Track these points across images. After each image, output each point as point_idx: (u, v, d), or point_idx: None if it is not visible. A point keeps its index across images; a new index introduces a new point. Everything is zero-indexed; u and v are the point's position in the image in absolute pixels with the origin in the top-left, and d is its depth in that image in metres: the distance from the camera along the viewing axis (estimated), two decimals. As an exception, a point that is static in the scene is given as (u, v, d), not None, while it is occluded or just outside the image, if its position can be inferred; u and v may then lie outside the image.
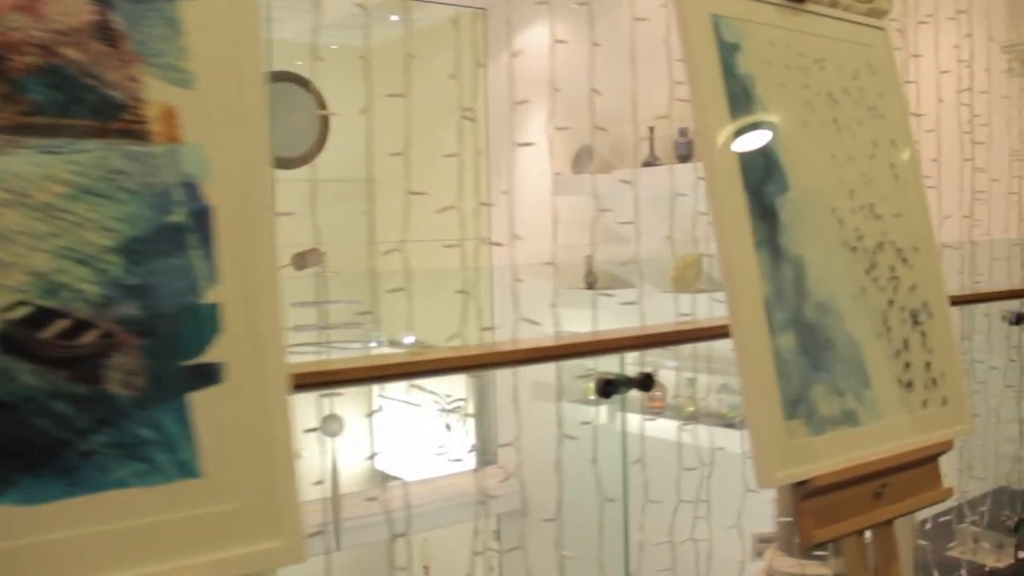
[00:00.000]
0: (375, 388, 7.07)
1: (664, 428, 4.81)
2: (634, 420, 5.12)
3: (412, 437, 6.84)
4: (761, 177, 1.61)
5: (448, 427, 6.74)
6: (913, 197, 1.87)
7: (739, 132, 1.59)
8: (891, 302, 1.76)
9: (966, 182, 2.89)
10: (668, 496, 2.17)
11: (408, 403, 6.97)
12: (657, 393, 5.08)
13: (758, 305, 1.53)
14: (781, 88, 1.70)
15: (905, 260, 1.81)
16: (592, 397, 2.17)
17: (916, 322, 1.79)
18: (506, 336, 1.84)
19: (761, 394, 1.49)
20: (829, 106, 1.78)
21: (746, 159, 1.59)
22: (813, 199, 1.68)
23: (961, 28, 2.77)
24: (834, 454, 1.58)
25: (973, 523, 2.97)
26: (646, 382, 2.03)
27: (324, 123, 8.05)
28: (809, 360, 1.59)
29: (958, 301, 2.82)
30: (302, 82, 7.04)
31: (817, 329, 1.61)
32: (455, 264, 1.94)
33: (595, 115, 2.09)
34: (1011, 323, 3.01)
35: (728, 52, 1.62)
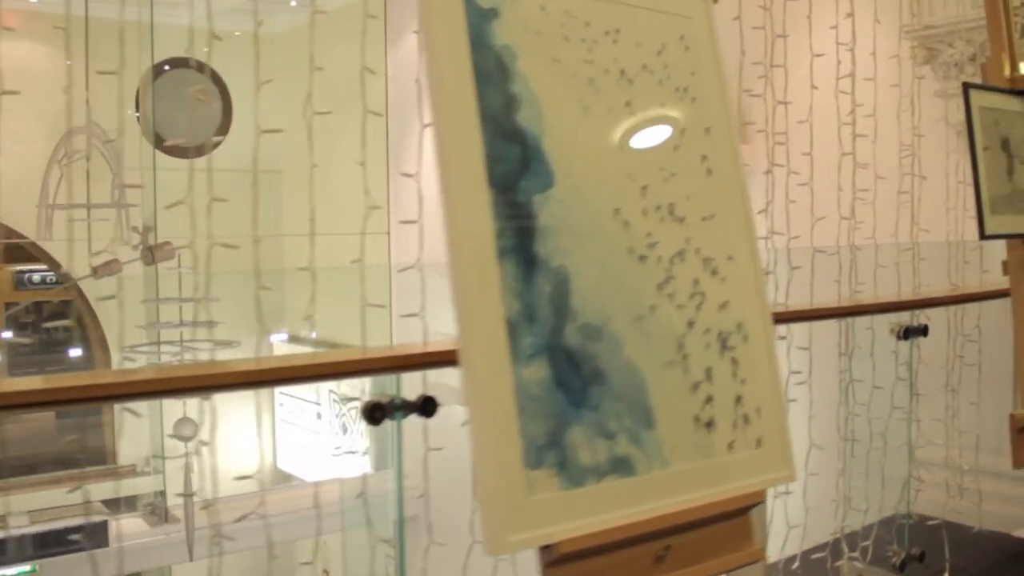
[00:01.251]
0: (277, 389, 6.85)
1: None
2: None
3: (312, 437, 6.59)
4: (515, 170, 1.34)
5: (344, 428, 6.49)
6: (731, 196, 1.61)
7: (487, 116, 1.32)
8: (692, 323, 1.50)
9: (845, 179, 2.66)
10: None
11: (308, 402, 6.74)
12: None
13: (497, 328, 1.26)
14: (554, 64, 1.43)
15: (715, 272, 1.55)
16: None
17: (726, 347, 1.53)
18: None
19: (493, 438, 1.23)
20: (621, 86, 1.51)
21: (494, 149, 1.32)
22: (589, 198, 1.41)
23: (841, 7, 2.53)
24: (598, 511, 1.32)
25: (853, 559, 2.75)
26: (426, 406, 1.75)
27: (227, 111, 7.71)
28: (567, 395, 1.32)
29: (836, 314, 2.59)
30: (200, 68, 6.71)
31: (582, 357, 1.35)
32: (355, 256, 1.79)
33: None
34: (900, 337, 2.79)
35: (480, 19, 1.35)
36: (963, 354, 3.11)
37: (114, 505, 6.40)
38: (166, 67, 6.70)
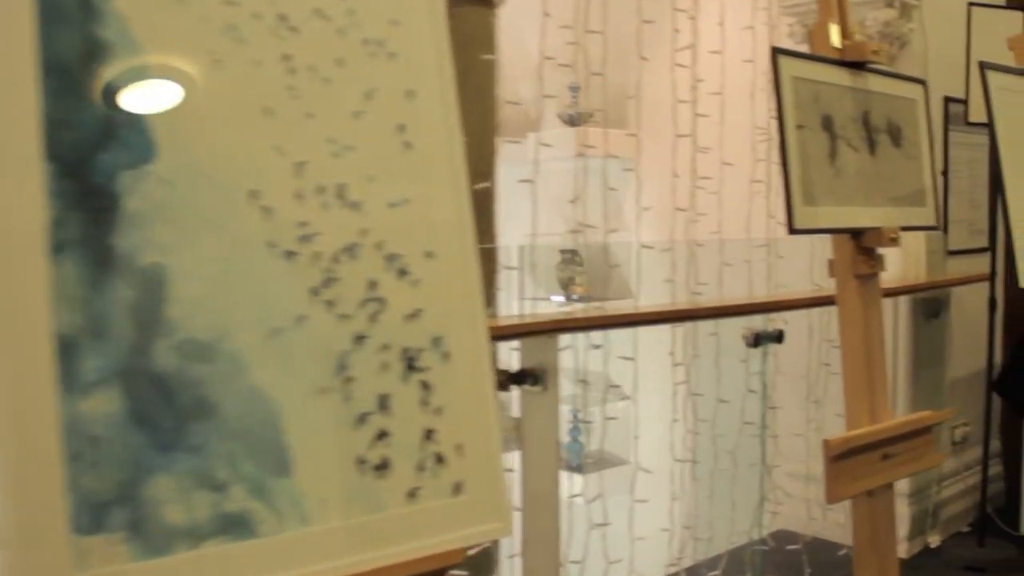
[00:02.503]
0: None
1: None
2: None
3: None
4: (90, 139, 1.04)
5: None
6: (437, 176, 1.32)
7: (52, 66, 1.02)
8: (362, 338, 1.21)
9: (682, 164, 2.40)
10: None
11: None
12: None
13: (38, 347, 0.96)
14: (174, 3, 1.13)
15: (404, 272, 1.26)
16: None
17: (413, 368, 1.24)
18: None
19: (18, 498, 0.93)
20: (277, 36, 1.21)
21: (59, 110, 1.01)
22: (210, 176, 1.11)
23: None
24: (196, 587, 1.03)
25: (694, 595, 2.49)
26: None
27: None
28: (151, 435, 1.02)
29: (662, 318, 2.32)
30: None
31: (179, 384, 1.05)
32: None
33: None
34: (750, 344, 2.54)
35: (53, -68, 1.04)
36: (829, 361, 2.87)
37: None
38: None
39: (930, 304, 3.28)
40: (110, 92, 1.06)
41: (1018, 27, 3.15)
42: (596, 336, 2.32)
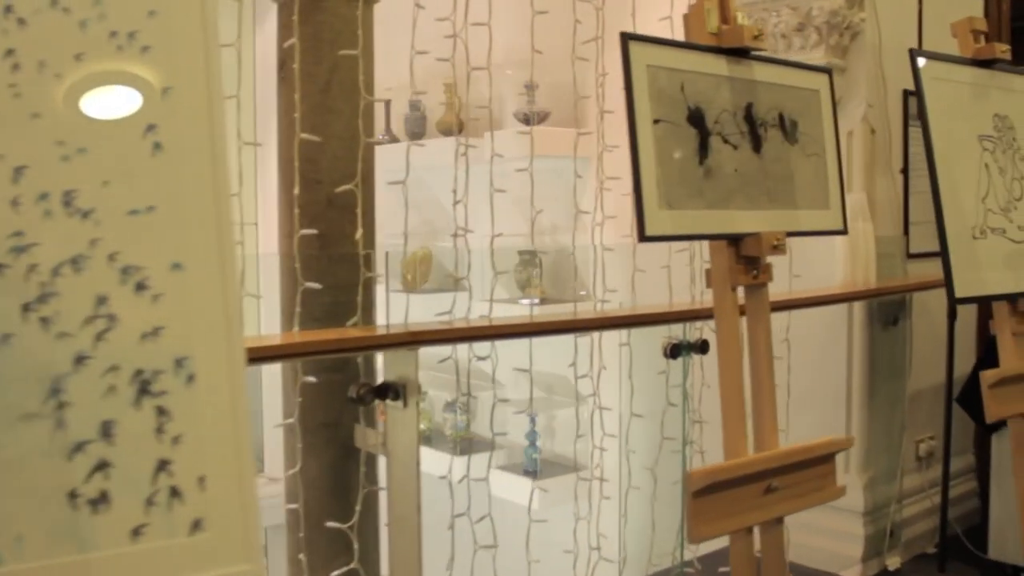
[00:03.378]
0: None
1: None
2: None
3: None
4: None
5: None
6: (191, 181, 1.21)
7: None
8: (83, 359, 1.11)
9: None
10: None
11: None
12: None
13: None
14: None
15: (142, 287, 1.16)
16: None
17: (147, 392, 1.14)
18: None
19: None
20: (-4, 26, 1.12)
21: None
22: None
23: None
24: None
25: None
26: None
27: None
28: None
29: (552, 328, 2.20)
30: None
31: None
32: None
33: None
34: (668, 356, 2.41)
35: None
36: (767, 373, 2.73)
37: None
38: None
39: (888, 310, 3.12)
40: None
41: (977, 14, 2.98)
42: (483, 347, 2.20)
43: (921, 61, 2.32)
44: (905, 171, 3.14)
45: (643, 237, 1.58)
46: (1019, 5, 3.79)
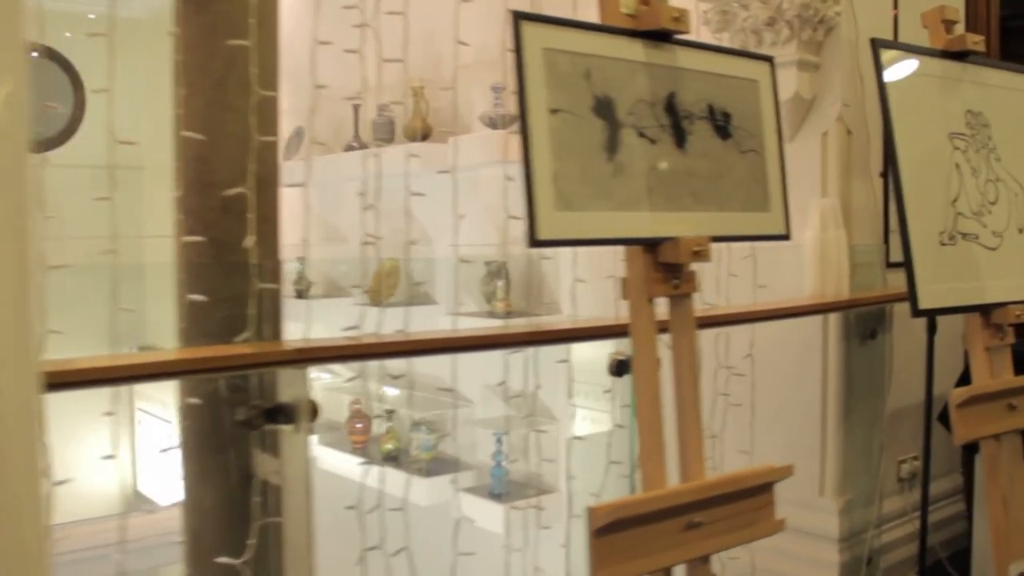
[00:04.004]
0: (136, 402, 6.35)
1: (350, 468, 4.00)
2: (331, 458, 4.31)
3: (164, 457, 6.04)
4: None
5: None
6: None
7: None
8: None
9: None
10: None
11: (162, 420, 6.17)
12: (358, 425, 4.22)
13: None
14: None
15: None
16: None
17: None
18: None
19: None
20: None
21: None
22: None
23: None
24: None
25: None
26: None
27: (79, 103, 7.15)
28: None
29: (469, 345, 1.98)
30: (52, 55, 6.16)
31: None
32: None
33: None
34: (613, 373, 2.19)
35: None
36: (728, 391, 2.51)
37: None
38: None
39: (866, 323, 2.89)
40: None
41: (958, 7, 2.75)
42: (397, 364, 2.00)
43: (884, 52, 2.09)
44: (885, 175, 2.90)
45: (533, 242, 1.36)
46: (1011, 2, 3.55)
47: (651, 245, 1.53)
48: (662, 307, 1.72)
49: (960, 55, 2.24)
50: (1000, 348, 2.21)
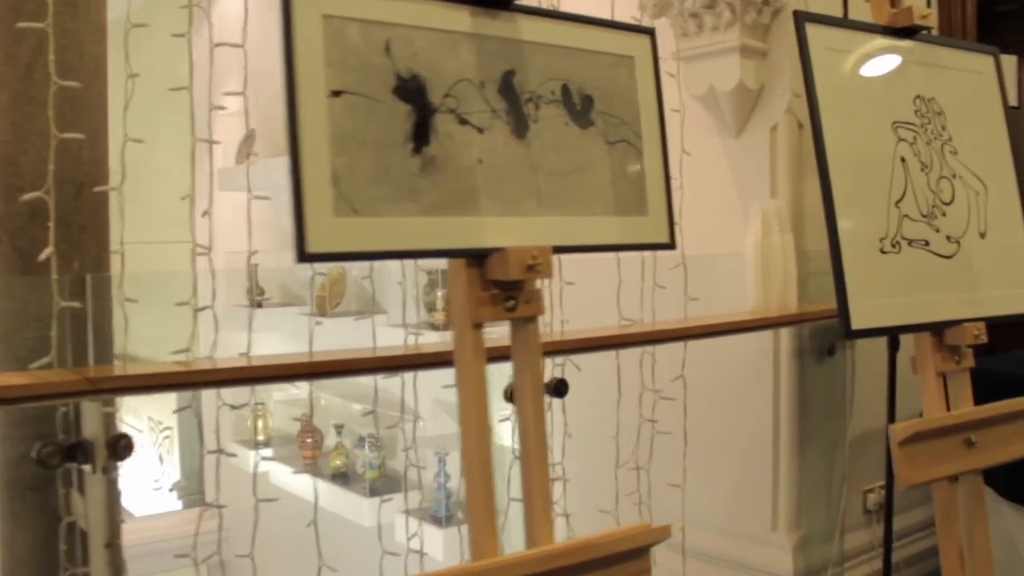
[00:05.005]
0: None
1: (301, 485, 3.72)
2: (280, 473, 4.02)
3: (136, 467, 5.82)
4: None
5: (160, 459, 5.68)
6: None
7: None
8: None
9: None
10: None
11: (133, 428, 5.95)
12: (309, 440, 3.92)
13: None
14: None
15: None
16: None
17: None
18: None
19: None
20: None
21: None
22: None
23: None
24: None
25: None
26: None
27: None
28: None
29: (326, 370, 1.67)
30: None
31: None
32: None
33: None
34: (508, 399, 1.88)
35: None
36: (656, 417, 2.18)
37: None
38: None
39: (823, 338, 2.54)
40: None
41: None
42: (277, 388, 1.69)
43: (811, 28, 1.76)
44: (843, 173, 2.55)
45: (302, 256, 1.05)
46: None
47: (477, 258, 1.21)
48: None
49: (907, 32, 1.90)
50: (956, 373, 1.87)
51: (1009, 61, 3.21)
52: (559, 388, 2.00)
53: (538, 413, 1.30)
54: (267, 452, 3.97)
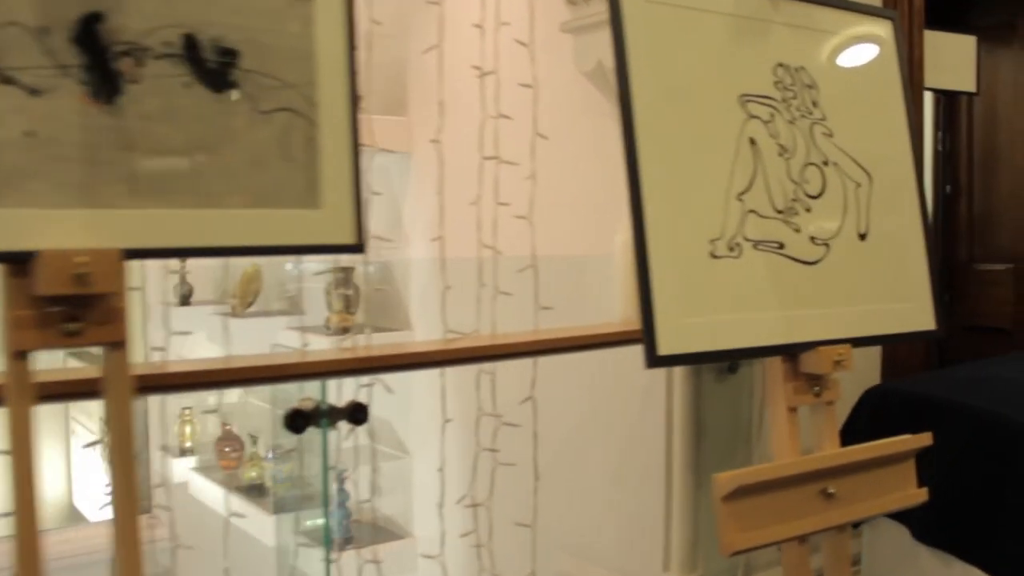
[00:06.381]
0: (72, 414, 5.89)
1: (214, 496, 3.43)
2: (201, 485, 3.73)
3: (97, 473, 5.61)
4: None
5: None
6: None
7: None
8: None
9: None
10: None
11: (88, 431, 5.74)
12: (227, 449, 3.61)
13: None
14: None
15: None
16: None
17: None
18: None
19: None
20: None
21: None
22: None
23: None
24: None
25: None
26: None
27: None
28: None
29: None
30: None
31: None
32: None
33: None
34: (290, 428, 1.54)
35: None
36: (496, 447, 1.82)
37: None
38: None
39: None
40: None
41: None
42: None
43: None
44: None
45: None
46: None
47: (19, 263, 0.88)
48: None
49: (767, -15, 1.51)
50: (819, 408, 1.47)
51: (967, 42, 2.77)
52: (356, 414, 1.66)
53: (126, 463, 0.95)
54: (190, 461, 3.67)
